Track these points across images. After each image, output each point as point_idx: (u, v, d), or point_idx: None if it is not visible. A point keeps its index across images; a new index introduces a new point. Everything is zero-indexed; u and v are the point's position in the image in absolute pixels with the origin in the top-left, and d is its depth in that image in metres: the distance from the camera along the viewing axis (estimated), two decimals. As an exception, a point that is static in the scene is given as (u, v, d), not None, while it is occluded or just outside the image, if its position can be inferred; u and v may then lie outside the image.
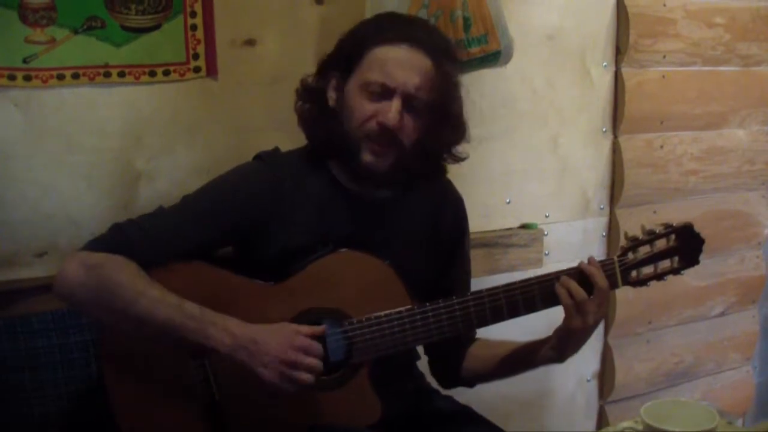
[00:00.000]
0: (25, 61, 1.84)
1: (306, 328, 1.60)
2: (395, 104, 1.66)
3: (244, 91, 2.09)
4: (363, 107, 1.67)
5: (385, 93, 1.66)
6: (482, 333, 1.87)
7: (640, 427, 1.33)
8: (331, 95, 1.73)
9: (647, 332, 2.89)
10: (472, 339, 1.91)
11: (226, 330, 1.55)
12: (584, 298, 1.65)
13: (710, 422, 1.31)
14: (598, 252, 2.76)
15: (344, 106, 1.70)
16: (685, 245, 1.69)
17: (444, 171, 1.83)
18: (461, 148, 1.80)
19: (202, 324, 1.55)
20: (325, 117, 1.72)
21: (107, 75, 1.93)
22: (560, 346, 1.75)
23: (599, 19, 2.61)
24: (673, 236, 1.70)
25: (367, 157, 1.69)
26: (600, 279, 1.67)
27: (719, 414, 1.43)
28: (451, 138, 1.77)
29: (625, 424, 1.34)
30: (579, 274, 1.68)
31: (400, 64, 1.66)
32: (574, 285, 1.66)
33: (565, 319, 1.69)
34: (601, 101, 2.66)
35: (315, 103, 1.75)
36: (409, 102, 1.67)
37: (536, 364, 1.83)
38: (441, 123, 1.73)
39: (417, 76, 1.67)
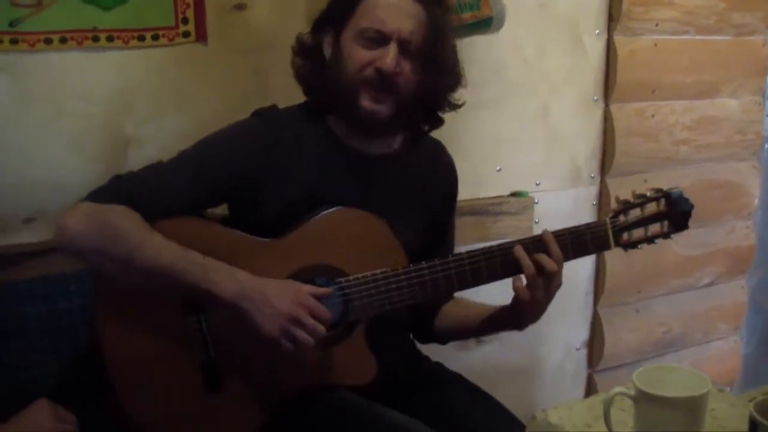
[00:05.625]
0: (11, 24, 1.81)
1: (310, 288, 1.60)
2: (392, 50, 1.67)
3: (233, 57, 2.07)
4: (359, 55, 1.68)
5: (380, 40, 1.68)
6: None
7: (632, 393, 1.33)
8: (327, 49, 1.74)
9: (636, 302, 2.90)
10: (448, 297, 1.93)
11: (232, 277, 1.56)
12: (532, 272, 1.65)
13: (702, 387, 1.31)
14: (589, 221, 2.75)
15: (341, 57, 1.71)
16: (675, 210, 1.70)
17: (441, 121, 1.84)
18: (458, 95, 1.81)
19: (207, 270, 1.55)
20: (322, 70, 1.74)
21: (95, 39, 1.90)
22: (516, 315, 1.75)
23: (592, -13, 2.59)
24: (663, 200, 1.71)
25: (365, 103, 1.69)
26: (548, 263, 1.66)
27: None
28: (447, 84, 1.78)
29: (618, 389, 1.34)
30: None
31: (393, 10, 1.68)
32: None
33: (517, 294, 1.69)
34: (592, 69, 2.65)
35: (311, 58, 1.76)
36: (404, 48, 1.69)
37: (498, 329, 1.86)
38: (436, 69, 1.73)
39: (410, 22, 1.68)
